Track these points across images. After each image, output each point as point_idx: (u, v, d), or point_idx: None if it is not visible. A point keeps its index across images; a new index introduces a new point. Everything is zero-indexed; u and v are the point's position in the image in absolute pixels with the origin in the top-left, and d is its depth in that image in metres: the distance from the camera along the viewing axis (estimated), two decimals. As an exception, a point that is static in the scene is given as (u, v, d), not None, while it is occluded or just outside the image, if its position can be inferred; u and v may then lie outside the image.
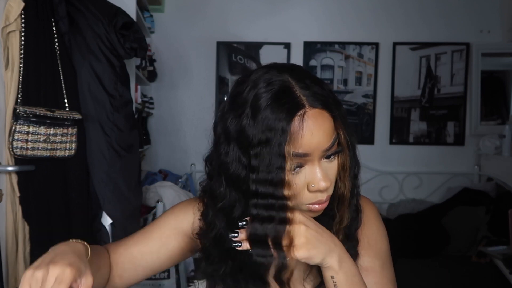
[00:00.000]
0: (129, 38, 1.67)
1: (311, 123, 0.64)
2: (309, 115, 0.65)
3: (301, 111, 0.64)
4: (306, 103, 0.65)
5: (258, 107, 0.65)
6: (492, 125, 3.27)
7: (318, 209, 0.70)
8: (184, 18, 3.26)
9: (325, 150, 0.67)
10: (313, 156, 0.66)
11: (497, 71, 3.45)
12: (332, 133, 0.67)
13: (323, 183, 0.67)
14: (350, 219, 0.74)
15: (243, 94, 0.67)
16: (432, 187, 3.29)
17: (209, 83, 3.29)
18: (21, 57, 1.37)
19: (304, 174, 0.67)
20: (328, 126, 0.66)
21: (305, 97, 0.65)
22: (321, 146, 0.66)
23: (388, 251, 0.81)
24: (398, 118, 3.32)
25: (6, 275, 1.36)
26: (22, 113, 1.34)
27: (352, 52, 3.29)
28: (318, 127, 0.65)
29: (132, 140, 1.76)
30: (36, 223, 1.43)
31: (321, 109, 0.66)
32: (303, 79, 0.68)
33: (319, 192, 0.68)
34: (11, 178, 1.37)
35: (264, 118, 0.64)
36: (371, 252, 0.78)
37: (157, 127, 3.29)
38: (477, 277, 2.41)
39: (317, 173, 0.67)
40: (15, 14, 1.34)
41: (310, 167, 0.67)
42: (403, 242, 2.60)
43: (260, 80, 0.67)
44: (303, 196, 0.68)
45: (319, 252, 0.66)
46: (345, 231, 0.74)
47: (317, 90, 0.67)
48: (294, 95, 0.65)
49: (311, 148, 0.65)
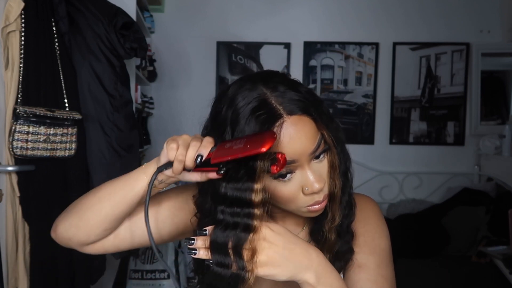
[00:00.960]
0: (129, 38, 1.67)
1: (291, 130, 0.65)
2: (288, 123, 0.65)
3: (279, 121, 0.64)
4: (283, 111, 0.65)
5: (236, 125, 0.65)
6: (492, 125, 3.27)
7: (317, 209, 0.70)
8: (184, 18, 3.26)
9: (311, 153, 0.67)
10: (301, 161, 0.67)
11: (497, 71, 3.45)
12: (316, 135, 0.67)
13: (316, 185, 0.67)
14: (343, 216, 0.74)
15: (222, 113, 0.68)
16: (432, 187, 3.29)
17: (209, 83, 3.29)
18: (21, 57, 1.37)
19: (296, 179, 0.68)
20: (310, 129, 0.66)
21: (281, 105, 0.65)
22: (307, 150, 0.66)
23: (387, 249, 0.79)
24: (398, 118, 3.32)
25: (6, 275, 1.36)
26: (22, 113, 1.34)
27: (352, 52, 3.29)
28: (299, 132, 0.65)
29: (132, 140, 1.76)
30: (36, 223, 1.43)
31: (300, 115, 0.66)
32: (277, 87, 0.67)
33: (315, 194, 0.69)
34: (11, 178, 1.37)
35: (244, 134, 0.64)
36: (366, 249, 0.77)
37: (157, 127, 3.29)
38: (477, 277, 2.41)
39: (309, 177, 0.67)
40: (15, 14, 1.34)
41: (301, 171, 0.68)
42: (403, 242, 2.60)
43: (236, 96, 0.67)
44: (299, 200, 0.69)
45: (284, 270, 0.63)
46: (337, 229, 0.74)
47: (292, 95, 0.67)
48: (270, 106, 0.65)
49: (296, 154, 0.66)
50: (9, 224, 1.38)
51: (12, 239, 1.38)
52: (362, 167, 3.17)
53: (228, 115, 0.67)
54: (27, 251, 1.42)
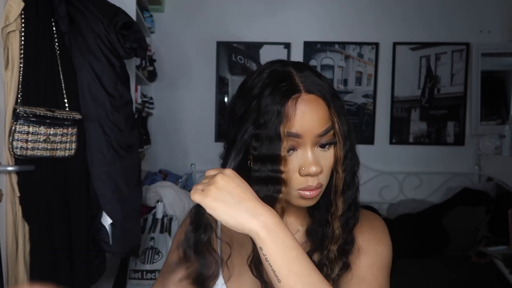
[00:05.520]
0: (129, 38, 1.67)
1: (304, 106, 0.68)
2: (304, 99, 0.69)
3: (296, 95, 0.68)
4: (303, 88, 0.69)
5: (260, 93, 0.69)
6: (492, 125, 3.27)
7: (309, 196, 0.71)
8: (184, 18, 3.27)
9: (317, 136, 0.69)
10: (305, 139, 0.69)
11: (497, 71, 3.45)
12: (326, 120, 0.70)
13: (313, 168, 0.68)
14: (346, 209, 0.74)
15: (249, 81, 0.73)
16: (432, 187, 3.29)
17: (209, 83, 3.29)
18: (21, 57, 1.37)
19: (296, 157, 0.70)
20: (322, 112, 0.69)
21: (302, 83, 0.70)
22: (314, 130, 0.69)
23: (384, 256, 0.76)
24: (398, 118, 3.32)
25: (6, 275, 1.36)
26: (22, 113, 1.34)
27: (352, 52, 3.29)
28: (311, 110, 0.68)
29: (132, 140, 1.76)
30: (36, 223, 1.42)
31: (317, 96, 0.70)
32: (304, 70, 0.72)
33: (310, 177, 0.70)
34: (11, 178, 1.37)
35: (265, 103, 0.68)
36: (362, 252, 0.75)
37: (157, 127, 3.28)
38: (477, 277, 2.41)
39: (308, 157, 0.69)
40: (15, 14, 1.34)
41: (303, 151, 0.70)
42: (403, 242, 2.60)
43: (265, 70, 0.73)
44: (294, 180, 0.70)
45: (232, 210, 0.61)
46: (342, 221, 0.74)
47: (315, 80, 0.71)
48: (292, 81, 0.70)
49: (303, 130, 0.68)
50: (9, 224, 1.38)
51: (12, 239, 1.38)
52: (362, 167, 3.11)
53: (254, 84, 0.72)
54: (27, 251, 1.41)
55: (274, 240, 0.61)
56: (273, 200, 0.69)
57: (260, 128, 0.68)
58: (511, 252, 2.31)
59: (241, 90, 0.75)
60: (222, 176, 0.63)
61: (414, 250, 2.69)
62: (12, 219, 1.38)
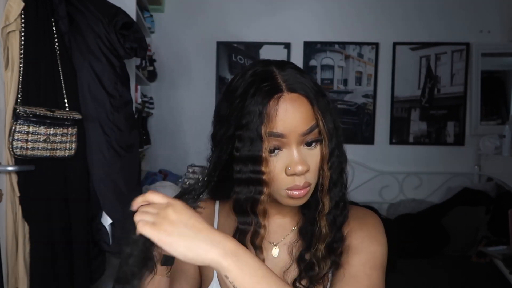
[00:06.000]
0: (129, 38, 1.67)
1: (286, 105, 0.68)
2: (286, 98, 0.68)
3: (278, 94, 0.68)
4: (285, 88, 0.69)
5: (243, 94, 0.69)
6: (492, 125, 3.27)
7: (296, 195, 0.70)
8: (184, 18, 3.26)
9: (302, 135, 0.69)
10: (289, 139, 0.68)
11: (497, 71, 3.45)
12: (310, 119, 0.69)
13: (299, 167, 0.68)
14: (332, 207, 0.73)
15: (233, 82, 0.73)
16: (432, 187, 3.29)
17: (209, 83, 3.29)
18: (21, 57, 1.37)
19: (282, 157, 0.70)
20: (306, 111, 0.69)
21: (285, 83, 0.69)
22: (298, 129, 0.68)
23: (378, 255, 0.75)
24: (398, 118, 3.32)
25: (6, 275, 1.36)
26: (22, 113, 1.34)
27: (352, 52, 3.29)
28: (294, 109, 0.68)
29: (132, 140, 1.76)
30: (36, 223, 1.43)
31: (299, 94, 0.69)
32: (286, 68, 0.72)
33: (297, 176, 0.69)
34: (11, 178, 1.37)
35: (247, 104, 0.68)
36: (354, 250, 0.74)
37: (157, 127, 3.28)
38: (477, 277, 2.41)
39: (294, 156, 0.69)
40: (15, 14, 1.34)
41: (288, 150, 0.69)
42: (403, 242, 2.60)
43: (248, 70, 0.73)
44: (281, 181, 0.70)
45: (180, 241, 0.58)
46: (329, 220, 0.73)
47: (298, 78, 0.71)
48: (274, 81, 0.69)
49: (286, 129, 0.68)
50: (9, 224, 1.38)
51: (12, 239, 1.38)
52: (362, 167, 3.16)
53: (238, 85, 0.72)
54: (27, 251, 1.41)
55: (238, 264, 0.58)
56: (255, 202, 0.70)
57: (242, 129, 0.68)
58: (511, 252, 2.31)
59: (226, 91, 0.75)
60: (173, 208, 0.60)
61: (414, 250, 2.69)
62: (12, 219, 1.38)
